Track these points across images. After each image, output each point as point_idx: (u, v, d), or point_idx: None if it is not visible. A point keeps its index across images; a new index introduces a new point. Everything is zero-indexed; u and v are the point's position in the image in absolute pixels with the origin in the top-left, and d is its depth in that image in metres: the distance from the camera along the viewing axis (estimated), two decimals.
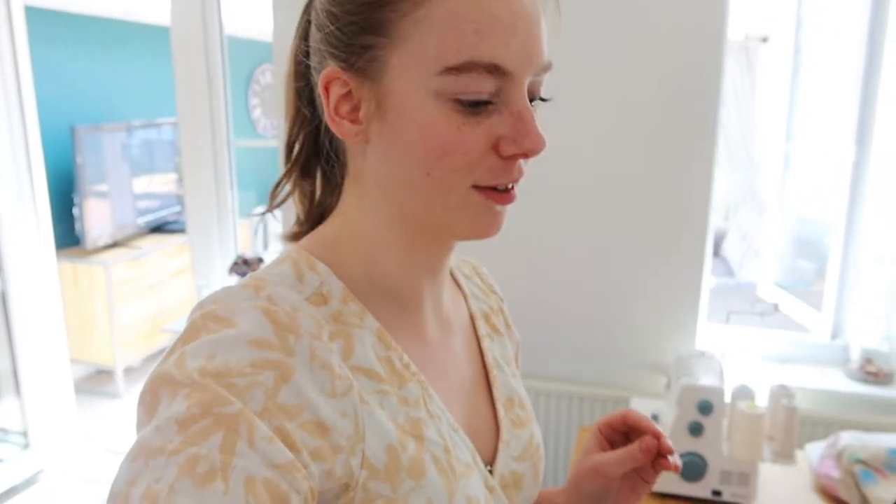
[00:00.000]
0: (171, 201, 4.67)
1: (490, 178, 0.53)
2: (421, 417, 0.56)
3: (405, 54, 0.50)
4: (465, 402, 0.64)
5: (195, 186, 2.74)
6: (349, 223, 0.59)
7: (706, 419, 1.40)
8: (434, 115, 0.50)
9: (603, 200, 1.97)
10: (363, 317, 0.56)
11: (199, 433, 0.42)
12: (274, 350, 0.47)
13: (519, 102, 0.51)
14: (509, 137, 0.51)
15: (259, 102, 5.48)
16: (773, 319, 2.14)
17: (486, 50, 0.49)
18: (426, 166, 0.52)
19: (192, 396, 0.43)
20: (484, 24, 0.49)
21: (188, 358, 0.46)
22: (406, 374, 0.57)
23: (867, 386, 1.94)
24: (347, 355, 0.53)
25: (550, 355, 2.08)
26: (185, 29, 2.56)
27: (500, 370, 0.71)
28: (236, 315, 0.49)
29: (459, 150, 0.51)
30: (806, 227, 2.94)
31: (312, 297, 0.55)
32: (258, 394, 0.45)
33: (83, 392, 3.82)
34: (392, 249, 0.58)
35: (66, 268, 3.77)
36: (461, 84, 0.49)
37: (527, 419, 0.70)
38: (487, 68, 0.49)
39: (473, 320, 0.72)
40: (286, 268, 0.56)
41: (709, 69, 1.84)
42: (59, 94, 3.85)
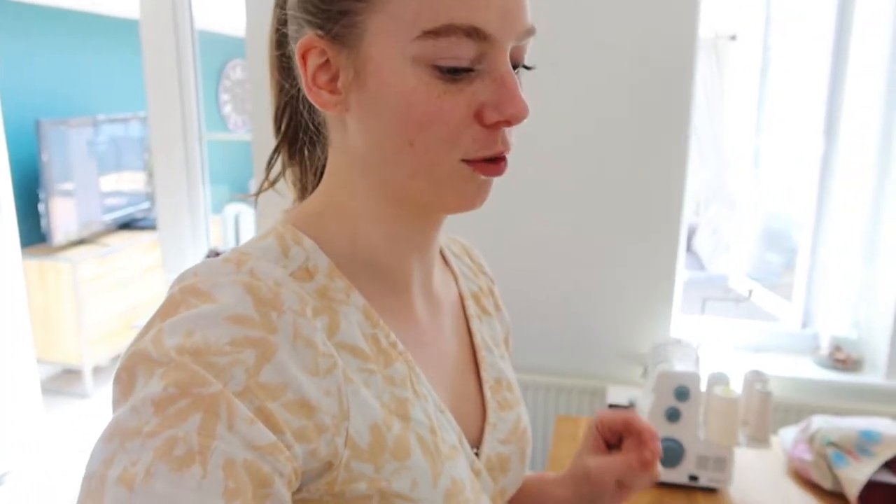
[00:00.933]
0: (140, 198, 4.59)
1: (476, 149, 0.50)
2: (407, 397, 0.55)
3: (383, 19, 0.48)
4: (453, 383, 0.63)
5: (166, 181, 2.70)
6: (334, 196, 0.58)
7: (683, 405, 1.42)
8: (413, 83, 0.48)
9: (578, 194, 1.98)
10: (349, 293, 0.55)
11: (176, 415, 0.40)
12: (255, 327, 0.45)
13: (501, 68, 0.49)
14: (491, 104, 0.49)
15: (230, 98, 5.41)
16: (745, 310, 2.17)
17: (465, 12, 0.46)
18: (408, 136, 0.50)
19: (169, 375, 0.42)
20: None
21: (166, 335, 0.44)
22: (393, 353, 0.56)
23: (837, 373, 1.98)
24: (332, 332, 0.52)
25: (528, 346, 2.09)
26: (155, 23, 2.52)
27: (489, 351, 0.70)
28: (217, 289, 0.47)
29: (441, 118, 0.49)
30: (774, 222, 2.99)
31: (297, 271, 0.53)
32: (239, 373, 0.43)
33: (50, 392, 3.74)
34: (378, 223, 0.57)
35: (32, 265, 3.69)
36: (440, 49, 0.47)
37: (514, 401, 0.69)
38: (466, 31, 0.47)
39: (463, 300, 0.71)
40: (271, 241, 0.54)
41: (681, 67, 1.87)
42: (23, 87, 3.76)
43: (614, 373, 2.05)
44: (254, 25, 2.07)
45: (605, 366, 2.05)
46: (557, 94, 1.92)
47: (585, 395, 2.04)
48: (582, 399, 2.05)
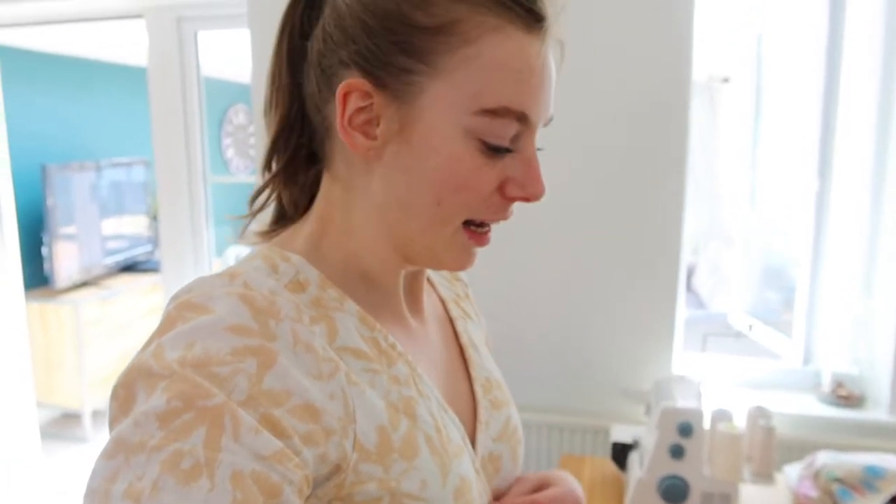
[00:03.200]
0: (142, 241, 4.62)
1: (488, 214, 0.56)
2: (412, 396, 0.56)
3: (444, 86, 0.51)
4: (445, 384, 0.64)
5: (171, 224, 2.73)
6: (330, 223, 0.58)
7: (687, 441, 1.42)
8: (460, 151, 0.52)
9: (578, 233, 2.01)
10: (343, 301, 0.56)
11: (181, 428, 0.40)
12: (254, 336, 0.46)
13: (530, 150, 0.55)
14: (516, 181, 0.54)
15: (232, 142, 5.49)
16: (745, 347, 2.18)
17: (521, 100, 0.52)
18: (439, 196, 0.53)
19: (171, 388, 0.42)
20: (524, 75, 0.52)
21: (166, 349, 0.44)
22: (393, 354, 0.57)
23: (840, 409, 1.98)
24: (332, 338, 0.52)
25: (528, 385, 2.09)
26: (162, 70, 2.58)
27: (476, 351, 0.71)
28: (212, 302, 0.48)
29: (476, 188, 0.53)
30: (772, 260, 3.01)
31: (289, 284, 0.54)
32: (242, 382, 0.43)
33: (49, 436, 3.70)
34: (373, 254, 0.58)
35: (34, 308, 3.69)
36: (493, 127, 0.51)
37: (504, 401, 0.70)
38: (518, 116, 0.52)
39: (445, 304, 0.73)
40: (258, 262, 0.55)
41: (676, 108, 1.91)
42: (29, 132, 3.82)
43: (617, 411, 2.04)
44: (259, 72, 2.12)
45: (608, 404, 2.05)
46: (555, 136, 1.96)
47: (589, 434, 2.03)
48: (585, 438, 2.04)
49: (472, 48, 0.50)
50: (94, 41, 3.80)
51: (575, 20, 1.90)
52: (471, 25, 0.50)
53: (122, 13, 2.58)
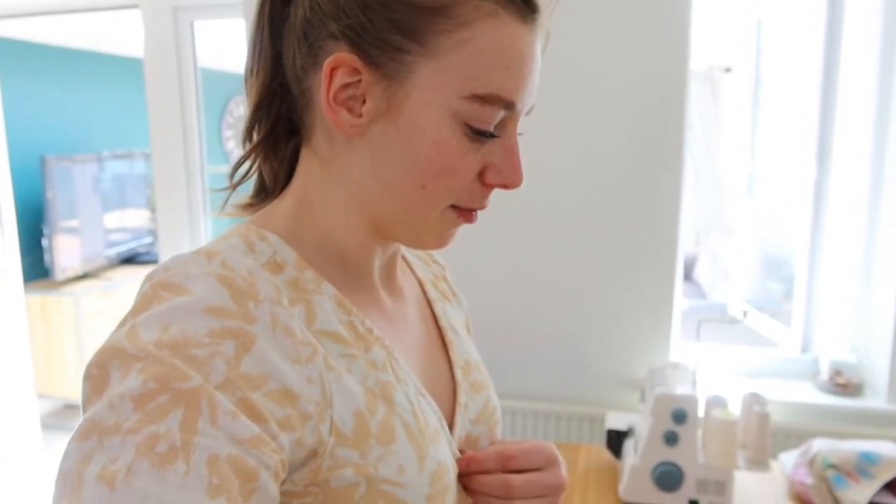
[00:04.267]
0: (143, 233, 4.63)
1: (468, 200, 0.56)
2: (389, 381, 0.55)
3: (435, 68, 0.50)
4: (424, 367, 0.63)
5: (168, 216, 2.73)
6: (309, 202, 0.58)
7: (681, 428, 1.42)
8: (447, 135, 0.52)
9: (575, 221, 2.00)
10: (320, 283, 0.55)
11: (156, 410, 0.39)
12: (233, 317, 0.45)
13: (512, 138, 0.55)
14: (496, 168, 0.54)
15: (233, 134, 5.48)
16: (743, 336, 2.17)
17: (510, 87, 0.52)
18: (424, 179, 0.53)
19: (147, 370, 0.41)
20: (516, 63, 0.51)
21: (141, 329, 0.43)
22: (370, 339, 0.56)
23: (837, 397, 1.97)
24: (310, 321, 0.52)
25: (524, 374, 2.09)
26: (158, 60, 2.58)
27: (455, 333, 0.70)
28: (190, 282, 0.47)
29: (459, 172, 0.53)
30: (772, 250, 3.00)
31: (266, 264, 0.53)
32: (219, 364, 0.43)
33: (50, 427, 3.72)
34: (350, 233, 0.58)
35: (34, 300, 3.70)
36: (481, 113, 0.51)
37: (484, 383, 0.69)
38: (506, 104, 0.52)
39: (422, 286, 0.72)
40: (234, 240, 0.54)
41: (674, 96, 1.90)
42: (28, 124, 3.82)
43: (613, 399, 2.04)
44: None
45: (604, 392, 2.05)
46: (552, 124, 1.95)
47: (585, 422, 2.03)
48: (581, 426, 2.04)
49: (467, 32, 0.50)
50: (94, 32, 3.80)
51: (573, 9, 1.90)
52: (468, 9, 0.50)
53: (117, 3, 2.57)
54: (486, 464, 0.61)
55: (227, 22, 2.62)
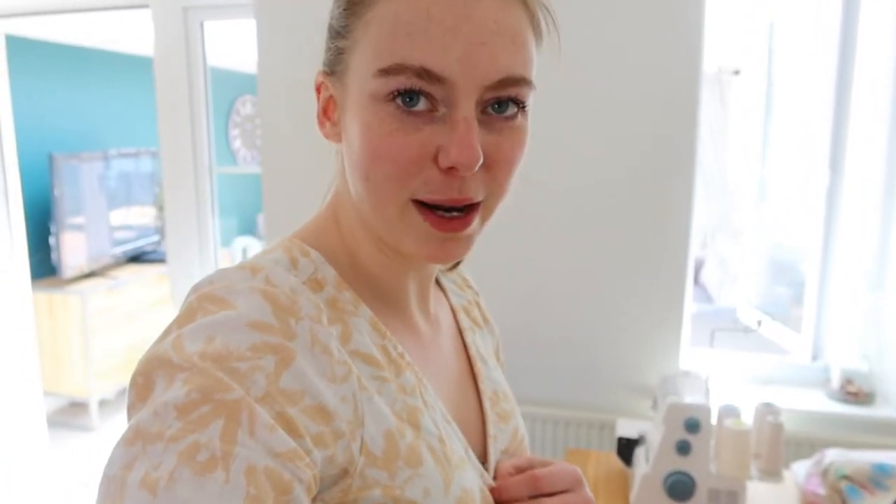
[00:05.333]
0: (149, 231, 4.63)
1: (426, 191, 0.50)
2: (418, 406, 0.55)
3: (357, 55, 0.51)
4: (453, 396, 0.64)
5: (176, 215, 2.73)
6: (336, 219, 0.60)
7: (694, 437, 1.41)
8: (369, 117, 0.49)
9: (586, 225, 1.99)
10: (357, 305, 0.56)
11: (199, 420, 0.40)
12: (275, 333, 0.46)
13: (458, 113, 0.48)
14: (444, 148, 0.49)
15: (239, 133, 5.49)
16: (754, 342, 2.16)
17: (417, 54, 0.47)
18: (364, 170, 0.51)
19: (191, 381, 0.42)
20: (418, 26, 0.47)
21: (186, 340, 0.45)
22: (402, 363, 0.57)
23: (849, 406, 1.96)
24: (346, 340, 0.52)
25: (535, 379, 2.08)
26: (168, 60, 2.57)
27: (484, 363, 0.70)
28: (234, 296, 0.48)
29: (389, 155, 0.49)
30: (781, 254, 2.99)
31: (308, 282, 0.54)
32: (260, 379, 0.43)
33: (56, 425, 3.73)
34: (372, 251, 0.58)
35: (41, 298, 3.71)
36: (391, 86, 0.48)
37: (511, 412, 0.70)
38: (417, 72, 0.47)
39: (455, 314, 0.72)
40: (279, 254, 0.55)
41: (686, 102, 1.89)
42: (37, 122, 3.83)
43: (623, 405, 2.03)
44: (265, 63, 2.10)
45: (614, 398, 2.04)
46: (563, 128, 1.94)
47: (595, 428, 2.02)
48: (591, 432, 2.03)
49: (371, 11, 0.50)
50: (103, 31, 3.80)
51: (585, 12, 1.88)
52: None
53: (128, 3, 2.57)
54: (517, 490, 0.61)
55: (236, 22, 2.61)
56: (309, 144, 2.16)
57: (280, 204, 2.18)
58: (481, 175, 0.51)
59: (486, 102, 0.50)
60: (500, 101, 0.50)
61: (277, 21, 2.05)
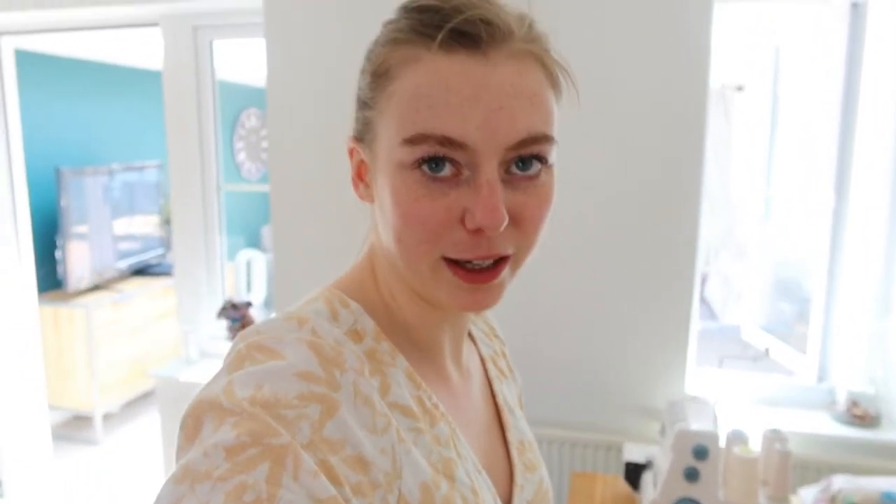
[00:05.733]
0: (154, 243, 4.65)
1: (455, 251, 0.52)
2: (452, 458, 0.57)
3: (383, 126, 0.53)
4: (482, 444, 0.66)
5: (184, 230, 2.74)
6: (372, 271, 0.62)
7: (702, 464, 1.41)
8: (398, 184, 0.52)
9: (592, 246, 2.00)
10: (395, 356, 0.58)
11: (246, 462, 0.42)
12: (320, 384, 0.48)
13: (481, 177, 0.51)
14: (469, 210, 0.51)
15: (244, 146, 5.51)
16: (759, 363, 2.16)
17: (438, 123, 0.50)
18: (397, 232, 0.53)
19: (241, 425, 0.44)
20: (438, 97, 0.50)
21: (236, 386, 0.47)
22: (436, 414, 0.58)
23: (855, 429, 1.96)
24: (385, 392, 0.54)
25: (542, 399, 2.08)
26: (177, 78, 2.59)
27: (511, 413, 0.72)
28: (282, 346, 0.51)
29: (418, 220, 0.52)
30: (785, 270, 3.00)
31: (349, 333, 0.56)
32: (305, 426, 0.45)
33: (60, 439, 3.73)
34: (407, 302, 0.60)
35: (47, 311, 3.72)
36: (415, 155, 0.51)
37: (537, 463, 0.71)
38: (439, 140, 0.50)
39: (484, 363, 0.74)
40: (319, 305, 0.58)
41: (692, 118, 1.90)
42: (44, 136, 3.85)
43: (630, 428, 2.03)
44: (274, 77, 2.12)
45: (621, 421, 2.04)
46: (568, 147, 1.95)
47: (601, 450, 2.02)
48: (597, 454, 2.03)
49: (393, 84, 0.52)
50: (109, 45, 3.82)
51: (592, 31, 1.90)
52: (392, 62, 0.53)
53: (138, 21, 2.59)
54: None
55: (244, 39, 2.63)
56: (315, 160, 2.18)
57: (287, 218, 2.20)
58: (509, 231, 0.54)
59: (509, 162, 0.52)
60: (524, 160, 0.52)
61: (287, 40, 2.07)
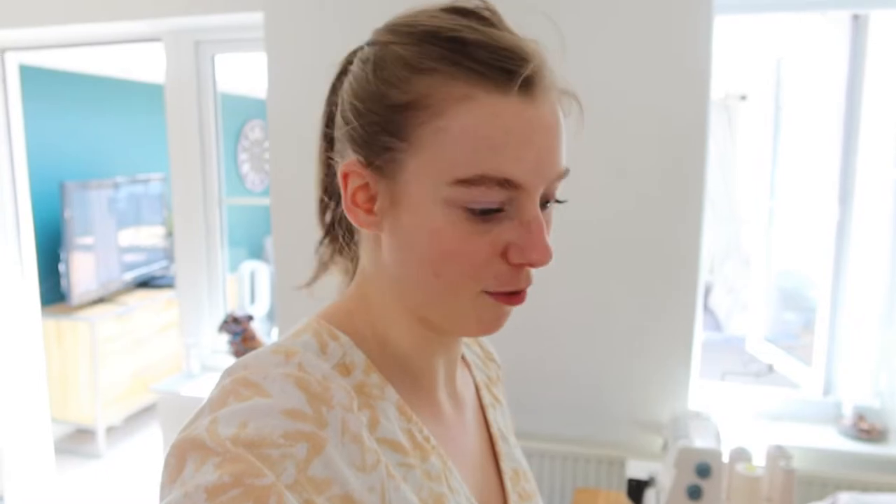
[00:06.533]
0: (158, 255, 4.65)
1: (497, 284, 0.53)
2: (443, 493, 0.56)
3: (422, 161, 0.51)
4: (476, 475, 0.64)
5: (186, 243, 2.74)
6: (365, 299, 0.60)
7: (705, 482, 1.39)
8: (442, 222, 0.51)
9: (594, 258, 1.99)
10: (384, 388, 0.57)
11: (227, 503, 0.41)
12: (307, 421, 0.47)
13: (529, 213, 0.52)
14: (516, 246, 0.52)
15: (248, 158, 5.52)
16: (762, 378, 2.15)
17: (498, 165, 0.49)
18: (434, 268, 0.52)
19: (224, 466, 0.43)
20: (498, 139, 0.49)
21: (220, 424, 0.46)
22: (427, 448, 0.57)
23: (861, 444, 1.94)
24: (373, 427, 0.53)
25: (543, 413, 2.07)
26: (179, 92, 2.59)
27: (505, 441, 0.71)
28: (268, 382, 0.49)
29: (465, 256, 0.51)
30: (790, 281, 2.98)
31: (337, 366, 0.55)
32: (290, 466, 0.44)
33: (63, 452, 3.72)
34: (405, 332, 0.59)
35: (50, 325, 3.72)
36: (471, 195, 0.50)
37: (532, 492, 0.70)
38: (499, 182, 0.50)
39: (478, 390, 0.73)
40: (307, 338, 0.56)
41: (694, 130, 1.89)
42: (48, 150, 3.86)
43: (633, 443, 2.01)
44: (275, 91, 2.13)
45: (624, 435, 2.02)
46: (572, 157, 1.94)
47: (603, 465, 2.00)
48: (600, 470, 2.01)
49: (442, 120, 0.50)
50: (112, 59, 3.84)
51: (594, 42, 1.90)
52: (439, 97, 0.50)
53: (140, 37, 2.60)
54: None
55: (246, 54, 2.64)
56: None
57: (289, 230, 2.20)
58: None
59: (543, 199, 0.54)
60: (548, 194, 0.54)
61: (286, 54, 2.08)
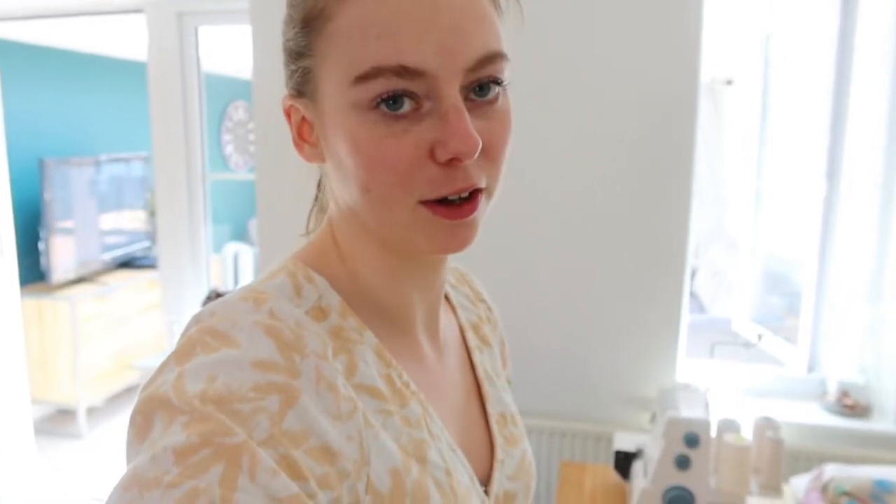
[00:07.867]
0: (140, 236, 4.59)
1: (431, 190, 0.48)
2: (424, 439, 0.54)
3: (328, 69, 0.49)
4: (460, 419, 0.62)
5: (169, 221, 2.70)
6: (333, 236, 0.58)
7: (693, 452, 1.39)
8: (356, 128, 0.48)
9: (583, 236, 1.98)
10: (362, 332, 0.54)
11: (198, 465, 0.39)
12: (279, 372, 0.45)
13: (445, 103, 0.47)
14: (441, 141, 0.47)
15: (232, 139, 5.46)
16: (750, 353, 2.16)
17: (393, 53, 0.45)
18: (362, 182, 0.49)
19: (192, 425, 0.41)
20: (389, 25, 0.46)
21: (187, 380, 0.43)
22: (406, 393, 0.55)
23: (845, 419, 1.95)
24: (351, 373, 0.51)
25: (532, 389, 2.06)
26: (162, 65, 2.55)
27: (492, 384, 0.69)
28: (236, 330, 0.46)
29: (386, 163, 0.47)
30: (775, 264, 2.99)
31: (312, 310, 0.52)
32: (263, 420, 0.42)
33: (43, 433, 3.67)
34: (374, 265, 0.56)
35: (30, 304, 3.66)
36: (373, 91, 0.46)
37: (519, 436, 0.68)
38: (395, 71, 0.46)
39: (463, 332, 0.70)
40: (282, 280, 0.54)
41: (683, 112, 1.89)
42: (27, 127, 3.78)
43: (620, 417, 2.01)
44: (260, 69, 2.09)
45: (611, 410, 2.02)
46: (559, 138, 1.93)
47: (590, 440, 2.00)
48: (587, 445, 2.01)
49: (331, 24, 0.48)
50: (94, 35, 3.77)
51: (581, 22, 1.88)
52: (330, 1, 0.48)
53: (122, 7, 2.55)
54: None
55: (230, 27, 2.59)
56: None
57: (274, 210, 2.16)
58: (479, 161, 0.49)
59: (469, 87, 0.49)
60: (482, 85, 0.49)
61: (272, 26, 2.03)
